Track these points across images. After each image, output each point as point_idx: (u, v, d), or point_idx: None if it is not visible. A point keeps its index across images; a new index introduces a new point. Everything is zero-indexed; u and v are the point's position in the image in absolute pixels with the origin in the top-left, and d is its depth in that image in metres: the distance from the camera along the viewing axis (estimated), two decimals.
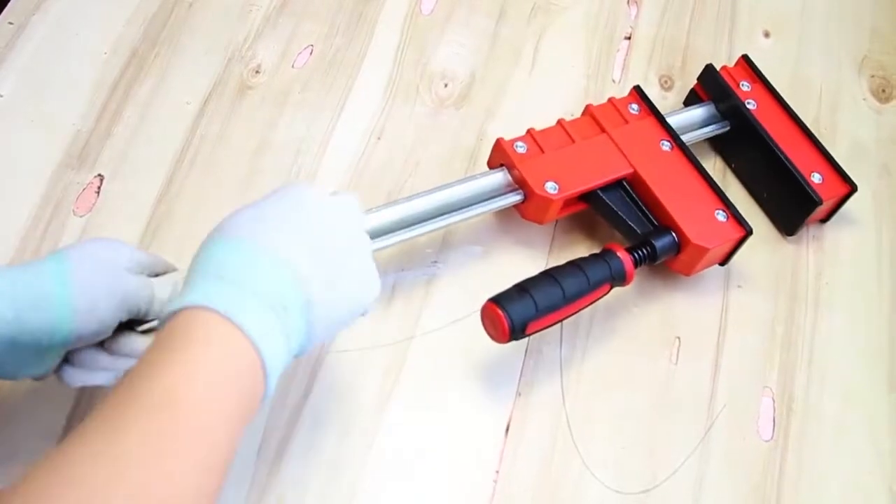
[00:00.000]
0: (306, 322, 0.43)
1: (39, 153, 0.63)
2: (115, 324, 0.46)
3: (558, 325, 0.57)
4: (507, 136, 0.63)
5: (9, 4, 0.69)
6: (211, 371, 0.38)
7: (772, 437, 0.60)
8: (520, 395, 0.58)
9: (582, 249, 0.65)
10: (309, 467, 0.54)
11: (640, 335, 0.62)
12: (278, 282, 0.42)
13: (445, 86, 0.71)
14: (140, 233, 0.60)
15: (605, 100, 0.68)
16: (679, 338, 0.63)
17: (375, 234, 0.57)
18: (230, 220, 0.44)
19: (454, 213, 0.59)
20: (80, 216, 0.60)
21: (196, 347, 0.38)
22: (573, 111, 0.71)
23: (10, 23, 0.68)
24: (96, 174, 0.62)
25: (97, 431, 0.35)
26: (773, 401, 0.61)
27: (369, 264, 0.47)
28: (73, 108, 0.65)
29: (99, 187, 0.62)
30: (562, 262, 0.62)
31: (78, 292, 0.45)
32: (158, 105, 0.66)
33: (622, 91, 0.73)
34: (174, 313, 0.40)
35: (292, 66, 0.70)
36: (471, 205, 0.60)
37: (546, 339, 0.58)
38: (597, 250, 0.64)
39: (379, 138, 0.68)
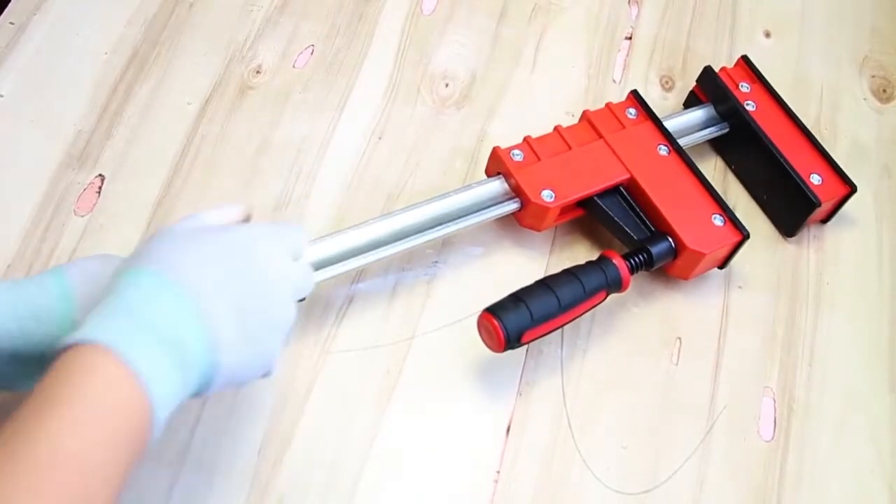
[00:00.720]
0: (209, 363, 0.42)
1: (40, 153, 0.63)
2: None
3: None
4: (508, 137, 0.63)
5: (9, 4, 0.69)
6: (94, 425, 0.37)
7: (772, 438, 0.60)
8: (520, 395, 0.58)
9: (583, 248, 0.65)
10: (309, 467, 0.54)
11: (641, 335, 0.62)
12: (179, 315, 0.41)
13: (446, 86, 0.71)
14: (141, 233, 0.60)
15: (605, 100, 0.68)
16: (680, 338, 0.63)
17: (372, 247, 0.57)
18: (154, 248, 0.44)
19: (451, 223, 0.59)
20: (81, 216, 0.60)
21: (81, 399, 0.37)
22: (574, 111, 0.71)
23: (11, 23, 0.68)
24: (97, 174, 0.62)
25: None
26: (774, 401, 0.61)
27: (282, 333, 0.46)
28: (74, 108, 0.65)
29: (100, 187, 0.62)
30: (563, 261, 0.62)
31: (80, 306, 0.45)
32: (159, 105, 0.66)
33: (623, 91, 0.73)
34: (66, 348, 0.39)
35: (293, 66, 0.70)
36: (468, 214, 0.60)
37: (547, 339, 0.58)
38: (598, 248, 0.65)
39: (380, 138, 0.68)
